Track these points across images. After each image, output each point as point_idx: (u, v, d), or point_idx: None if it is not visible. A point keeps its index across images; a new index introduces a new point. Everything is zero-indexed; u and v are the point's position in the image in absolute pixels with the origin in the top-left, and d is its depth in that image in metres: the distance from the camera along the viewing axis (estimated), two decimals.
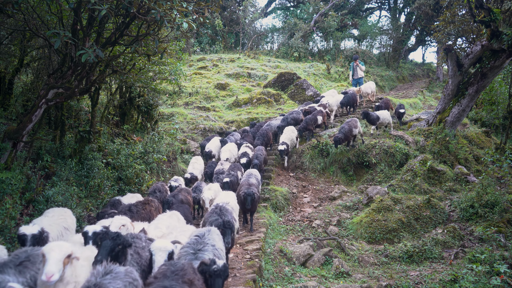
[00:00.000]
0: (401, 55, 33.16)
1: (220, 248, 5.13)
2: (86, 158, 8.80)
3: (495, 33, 11.70)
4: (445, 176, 11.32)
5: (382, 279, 7.43)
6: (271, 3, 40.51)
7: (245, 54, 29.47)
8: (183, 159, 13.64)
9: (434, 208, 9.73)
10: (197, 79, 22.53)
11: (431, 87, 27.03)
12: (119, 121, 12.13)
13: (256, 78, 23.58)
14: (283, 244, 8.67)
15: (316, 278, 7.41)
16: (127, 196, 8.53)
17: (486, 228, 8.47)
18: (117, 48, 9.08)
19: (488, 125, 16.49)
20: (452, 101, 13.34)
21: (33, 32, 6.91)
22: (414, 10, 30.71)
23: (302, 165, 13.04)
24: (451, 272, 7.14)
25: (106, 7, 5.58)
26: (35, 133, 7.81)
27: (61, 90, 7.15)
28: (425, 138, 13.19)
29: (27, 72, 11.02)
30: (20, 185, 6.85)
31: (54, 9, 7.33)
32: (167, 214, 6.86)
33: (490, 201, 9.23)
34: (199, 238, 5.05)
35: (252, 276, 6.49)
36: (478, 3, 11.67)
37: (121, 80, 10.66)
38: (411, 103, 20.85)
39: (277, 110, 18.37)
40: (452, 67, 13.25)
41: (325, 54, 31.03)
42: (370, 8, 39.34)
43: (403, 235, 9.12)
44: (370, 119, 13.44)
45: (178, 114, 17.06)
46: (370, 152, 12.60)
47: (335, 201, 11.24)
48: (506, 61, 11.96)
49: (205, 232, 5.20)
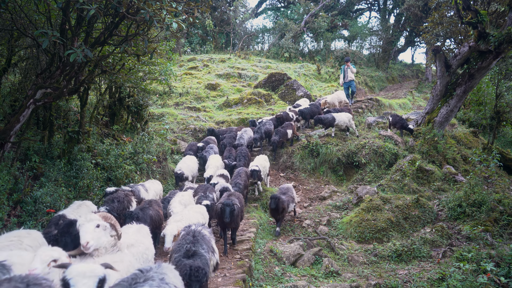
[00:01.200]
0: (391, 56, 33.44)
1: (174, 285, 3.53)
2: (75, 159, 8.72)
3: (482, 35, 11.87)
4: (434, 175, 11.44)
5: (371, 278, 7.49)
6: (261, 4, 40.58)
7: (236, 54, 29.48)
8: (173, 160, 13.59)
9: (423, 208, 9.83)
10: (188, 80, 22.47)
11: (420, 87, 27.34)
12: (109, 122, 12.05)
13: (246, 78, 23.60)
14: (273, 244, 8.69)
15: (306, 277, 7.45)
16: (73, 205, 6.62)
17: (473, 227, 8.58)
18: (106, 48, 9.02)
19: (475, 125, 16.71)
20: (441, 102, 13.50)
21: (20, 32, 6.84)
22: (403, 11, 31.00)
23: (293, 165, 13.08)
24: (439, 270, 7.22)
25: (95, 7, 5.54)
26: (23, 133, 7.73)
27: (50, 90, 7.08)
28: (414, 138, 13.33)
29: (14, 72, 10.89)
30: (7, 186, 6.77)
31: (42, 9, 7.26)
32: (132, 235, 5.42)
33: (478, 200, 9.35)
34: (141, 273, 3.51)
35: (242, 276, 6.51)
36: (465, 4, 11.82)
37: (111, 80, 10.59)
38: (401, 103, 21.06)
39: (267, 110, 18.40)
40: (440, 68, 13.41)
41: (315, 54, 31.16)
42: (360, 9, 39.59)
43: (392, 235, 9.20)
44: (324, 122, 13.60)
45: (169, 114, 17.00)
46: (360, 152, 12.68)
47: (325, 201, 11.30)
48: (493, 62, 12.14)
49: (152, 268, 3.62)
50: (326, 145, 13.08)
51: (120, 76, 9.89)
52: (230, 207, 7.29)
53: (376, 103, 19.08)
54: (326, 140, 13.43)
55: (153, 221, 7.05)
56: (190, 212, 7.06)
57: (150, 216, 7.03)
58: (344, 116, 13.84)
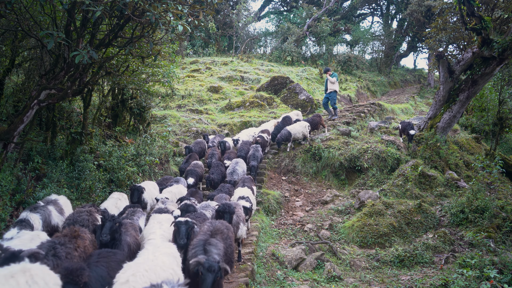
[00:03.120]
0: (393, 61, 33.51)
1: None
2: (78, 160, 8.72)
3: (486, 41, 11.87)
4: (436, 181, 11.41)
5: (373, 283, 7.46)
6: (264, 7, 40.70)
7: (238, 57, 29.51)
8: (175, 162, 13.57)
9: (425, 213, 9.80)
10: (190, 82, 22.48)
11: (422, 93, 27.35)
12: (111, 123, 12.05)
13: (249, 81, 23.61)
14: (275, 247, 8.67)
15: (308, 282, 7.41)
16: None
17: (476, 233, 8.54)
18: (111, 49, 9.04)
19: (478, 131, 16.69)
20: (443, 107, 13.48)
21: (25, 33, 6.85)
22: (406, 17, 31.07)
23: (295, 169, 13.06)
24: (441, 276, 7.19)
25: (100, 9, 5.55)
26: (26, 134, 7.73)
27: (54, 91, 7.09)
28: (417, 144, 13.30)
29: (18, 72, 10.91)
30: (10, 186, 6.77)
31: (47, 10, 7.27)
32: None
33: (480, 206, 9.33)
34: None
35: (244, 280, 6.48)
36: (469, 10, 11.83)
37: (114, 82, 10.60)
38: (403, 108, 21.04)
39: (269, 113, 18.39)
40: (443, 73, 13.40)
41: (318, 58, 31.20)
42: (363, 14, 39.72)
43: (394, 240, 9.17)
44: (283, 138, 13.26)
45: (171, 116, 17.00)
46: (362, 156, 12.66)
47: (327, 205, 11.27)
48: (496, 68, 12.14)
49: None
50: (328, 149, 13.06)
51: (123, 78, 9.91)
52: (213, 274, 4.26)
53: (379, 107, 19.06)
54: (329, 144, 13.41)
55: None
56: (156, 256, 4.48)
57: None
58: (299, 127, 13.59)
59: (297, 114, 15.95)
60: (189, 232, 5.49)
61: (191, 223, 5.55)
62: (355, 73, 29.11)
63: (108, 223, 5.18)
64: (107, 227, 5.14)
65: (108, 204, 7.48)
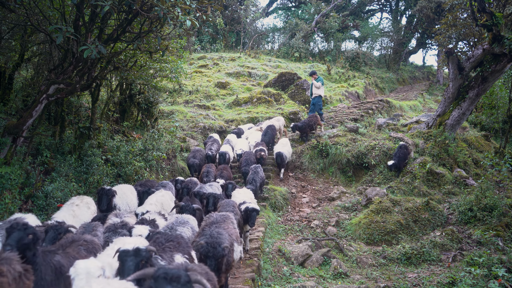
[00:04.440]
0: (402, 58, 33.24)
1: None
2: (86, 155, 8.78)
3: (497, 37, 11.71)
4: (444, 179, 11.32)
5: (380, 280, 7.43)
6: (272, 3, 40.55)
7: (246, 53, 29.47)
8: (182, 157, 13.61)
9: (433, 211, 9.74)
10: (198, 78, 22.51)
11: (431, 90, 27.11)
12: (119, 118, 12.11)
13: (256, 77, 23.58)
14: (281, 243, 8.67)
15: (314, 278, 7.41)
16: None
17: (484, 231, 8.47)
18: (119, 44, 9.06)
19: (487, 129, 16.51)
20: (453, 104, 13.35)
21: (34, 27, 6.89)
22: (415, 13, 30.76)
23: (302, 165, 13.03)
24: (449, 274, 7.15)
25: (109, 3, 5.56)
26: (35, 128, 7.79)
27: (62, 86, 7.13)
28: (425, 141, 13.19)
29: (27, 67, 10.99)
30: (19, 180, 6.83)
31: (56, 5, 7.31)
32: None
33: (489, 204, 9.24)
34: None
35: (251, 275, 6.49)
36: (480, 7, 11.67)
37: (122, 77, 10.64)
38: (411, 105, 20.89)
39: (277, 109, 18.35)
40: (453, 70, 13.26)
41: (325, 55, 31.06)
42: (372, 10, 39.41)
43: (402, 237, 9.12)
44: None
45: (178, 112, 17.04)
46: (369, 153, 12.60)
47: (334, 201, 11.24)
48: (507, 65, 11.97)
49: None
50: (335, 145, 13.01)
51: (131, 73, 9.94)
52: None
53: (387, 104, 18.94)
54: (336, 140, 13.36)
55: None
56: None
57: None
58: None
59: (278, 120, 14.79)
60: (142, 267, 3.60)
61: (144, 252, 3.70)
62: (363, 69, 28.95)
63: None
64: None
65: (64, 214, 5.96)
